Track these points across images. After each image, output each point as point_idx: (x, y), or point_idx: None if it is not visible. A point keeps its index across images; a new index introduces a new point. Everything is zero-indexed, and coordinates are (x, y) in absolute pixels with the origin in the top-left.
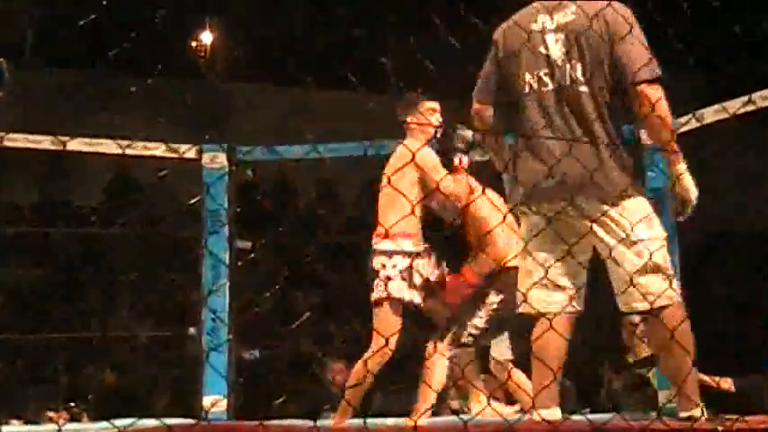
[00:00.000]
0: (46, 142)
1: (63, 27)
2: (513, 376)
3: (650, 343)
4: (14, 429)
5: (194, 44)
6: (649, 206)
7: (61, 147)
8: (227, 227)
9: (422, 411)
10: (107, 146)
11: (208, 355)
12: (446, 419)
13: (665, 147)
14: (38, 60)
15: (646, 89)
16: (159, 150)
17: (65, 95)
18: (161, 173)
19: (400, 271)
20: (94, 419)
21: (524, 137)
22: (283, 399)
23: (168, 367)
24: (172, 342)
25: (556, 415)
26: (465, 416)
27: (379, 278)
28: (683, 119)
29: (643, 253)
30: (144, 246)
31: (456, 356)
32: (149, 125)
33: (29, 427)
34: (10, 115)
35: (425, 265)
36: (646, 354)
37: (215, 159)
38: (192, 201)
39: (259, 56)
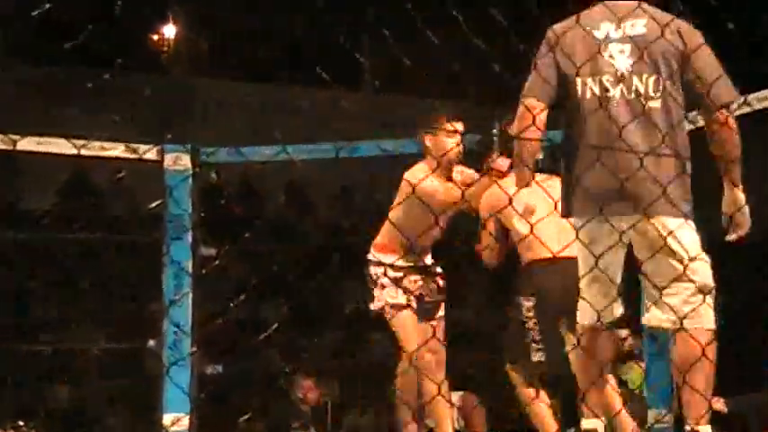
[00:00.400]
0: None
1: (17, 19)
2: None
3: (676, 359)
4: None
5: (156, 37)
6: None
7: (11, 146)
8: (190, 233)
9: None
10: (61, 145)
11: (168, 370)
12: None
13: (731, 169)
14: None
15: (726, 111)
16: (118, 151)
17: (19, 91)
18: (119, 174)
19: (393, 279)
20: None
21: (595, 147)
22: (249, 416)
23: (126, 382)
24: (130, 355)
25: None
26: None
27: (378, 287)
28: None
29: (698, 271)
30: (101, 252)
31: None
32: (107, 123)
33: None
34: None
35: (421, 283)
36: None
37: (178, 161)
38: (153, 204)
39: (226, 50)
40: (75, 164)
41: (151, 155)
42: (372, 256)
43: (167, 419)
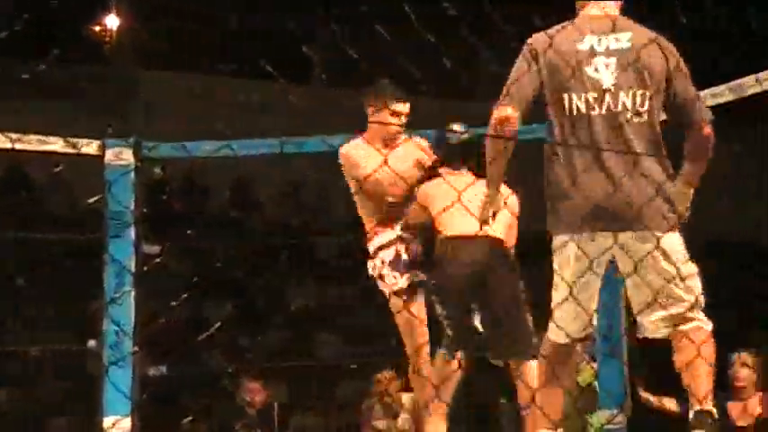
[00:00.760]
0: None
1: None
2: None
3: (678, 360)
4: None
5: (98, 28)
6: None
7: None
8: (132, 229)
9: None
10: None
11: (108, 370)
12: None
13: (697, 172)
14: None
15: (707, 128)
16: (57, 145)
17: None
18: (57, 168)
19: (388, 263)
20: None
21: (580, 162)
22: (192, 418)
23: (65, 384)
24: (70, 356)
25: None
26: None
27: (378, 279)
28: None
29: (692, 289)
30: (38, 250)
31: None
32: (46, 116)
33: None
34: None
35: (411, 246)
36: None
37: (120, 156)
38: (92, 200)
39: (171, 41)
40: (10, 158)
41: (92, 149)
42: (369, 246)
43: (108, 422)
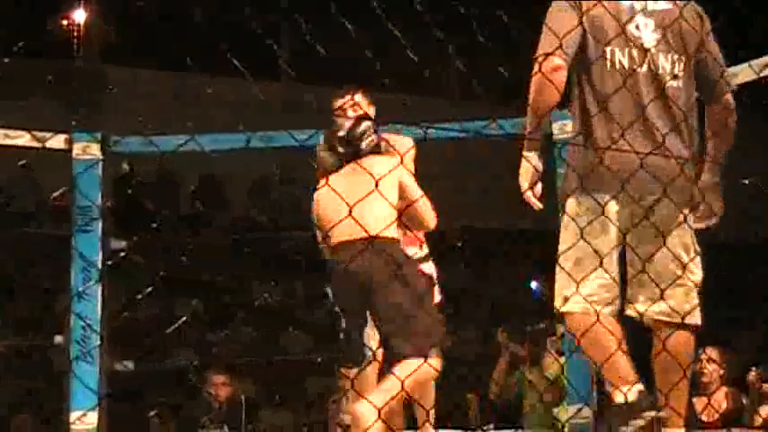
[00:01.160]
0: None
1: None
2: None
3: (658, 354)
4: None
5: (65, 22)
6: None
7: None
8: (99, 224)
9: None
10: None
11: (74, 365)
12: None
13: (721, 155)
14: None
15: (729, 97)
16: (24, 140)
17: None
18: (21, 162)
19: None
20: None
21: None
22: (157, 412)
23: (31, 380)
24: (35, 352)
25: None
26: None
27: None
28: None
29: (699, 267)
30: (4, 245)
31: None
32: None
33: None
34: None
35: None
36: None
37: (87, 150)
38: (56, 193)
39: (138, 36)
40: None
41: (59, 143)
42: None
43: (74, 416)
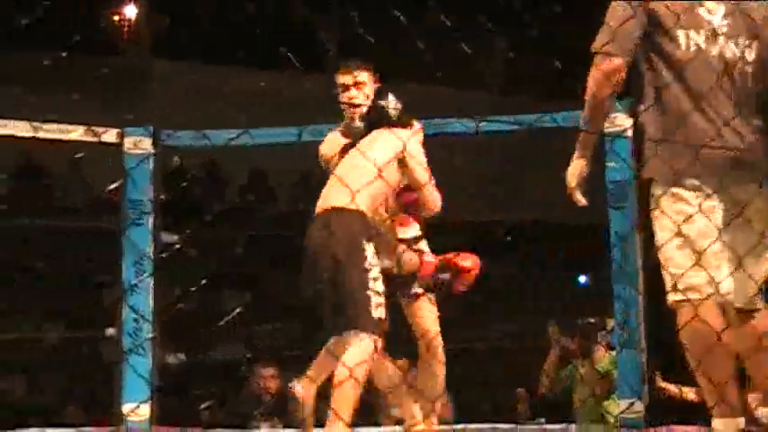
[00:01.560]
0: None
1: None
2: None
3: (744, 341)
4: None
5: (117, 18)
6: None
7: None
8: (151, 218)
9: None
10: (16, 127)
11: (128, 357)
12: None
13: None
14: None
15: None
16: (77, 134)
17: None
18: (77, 155)
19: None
20: None
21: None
22: (209, 405)
23: (84, 372)
24: (88, 344)
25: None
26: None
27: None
28: None
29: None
30: (56, 238)
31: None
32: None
33: None
34: None
35: None
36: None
37: (138, 144)
38: (110, 187)
39: (189, 32)
40: (22, 147)
41: (111, 137)
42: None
43: (126, 408)
